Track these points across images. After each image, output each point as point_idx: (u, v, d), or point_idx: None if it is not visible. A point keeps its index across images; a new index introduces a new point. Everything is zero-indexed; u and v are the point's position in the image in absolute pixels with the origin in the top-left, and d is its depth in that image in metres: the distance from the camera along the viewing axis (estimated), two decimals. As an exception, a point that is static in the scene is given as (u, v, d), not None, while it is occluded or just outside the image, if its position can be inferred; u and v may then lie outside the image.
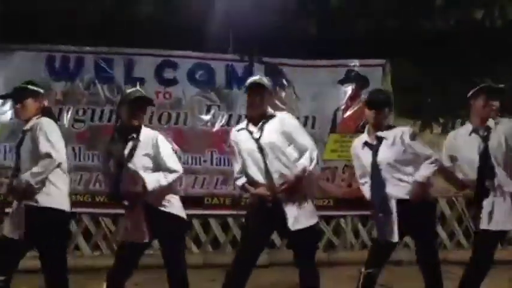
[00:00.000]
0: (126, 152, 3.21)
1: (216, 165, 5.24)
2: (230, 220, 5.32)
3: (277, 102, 5.28)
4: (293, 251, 3.43)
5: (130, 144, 3.23)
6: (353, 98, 5.43)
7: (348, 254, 5.33)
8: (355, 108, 5.40)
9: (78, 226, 5.16)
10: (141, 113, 3.30)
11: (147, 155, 3.25)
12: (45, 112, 3.42)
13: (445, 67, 5.37)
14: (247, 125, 3.40)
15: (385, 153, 3.45)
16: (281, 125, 3.33)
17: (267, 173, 3.29)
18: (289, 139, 3.31)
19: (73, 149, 4.99)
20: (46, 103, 3.48)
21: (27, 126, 3.34)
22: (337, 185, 5.36)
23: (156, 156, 3.26)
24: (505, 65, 5.04)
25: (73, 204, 5.05)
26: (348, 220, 5.45)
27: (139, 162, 3.22)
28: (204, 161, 5.22)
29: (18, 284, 3.41)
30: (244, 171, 3.40)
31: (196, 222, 5.29)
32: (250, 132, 3.35)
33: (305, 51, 5.31)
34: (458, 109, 5.49)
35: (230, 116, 5.33)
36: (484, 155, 3.40)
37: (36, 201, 3.23)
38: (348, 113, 5.43)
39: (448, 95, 5.41)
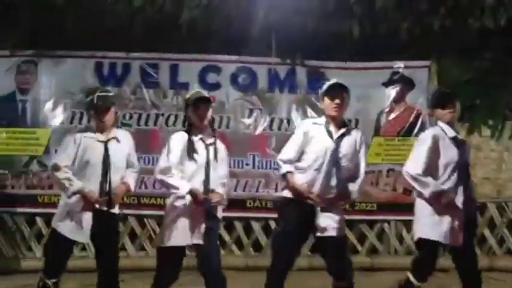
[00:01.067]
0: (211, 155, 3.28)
1: (258, 168, 5.25)
2: (272, 223, 5.28)
3: (319, 104, 5.29)
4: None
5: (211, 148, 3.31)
6: (397, 100, 5.33)
7: (392, 260, 5.22)
8: (400, 110, 5.30)
9: (125, 227, 5.27)
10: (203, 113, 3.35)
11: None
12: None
13: (494, 68, 5.22)
14: (327, 123, 3.40)
15: None
16: (355, 140, 3.40)
17: (327, 178, 3.31)
18: (354, 158, 3.38)
19: (120, 152, 5.10)
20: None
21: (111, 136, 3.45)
22: (381, 189, 5.26)
23: None
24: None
25: (120, 205, 5.27)
26: (391, 225, 5.35)
27: None
28: (247, 164, 5.25)
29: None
30: (298, 164, 3.39)
31: (238, 225, 5.30)
32: (330, 132, 3.37)
33: (348, 54, 5.27)
34: (508, 111, 5.35)
35: (272, 120, 5.33)
36: None
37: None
38: (392, 115, 5.33)
39: (498, 97, 5.25)
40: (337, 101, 3.37)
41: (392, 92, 5.34)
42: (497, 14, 4.88)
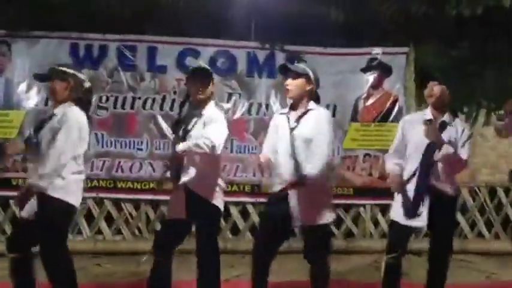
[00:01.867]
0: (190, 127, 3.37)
1: (236, 152, 5.26)
2: (249, 207, 5.34)
3: None
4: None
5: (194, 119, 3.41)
6: (375, 86, 5.36)
7: (367, 243, 5.32)
8: (377, 97, 5.34)
9: (101, 210, 5.24)
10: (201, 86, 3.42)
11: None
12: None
13: (470, 57, 5.28)
14: (289, 112, 3.47)
15: None
16: (317, 121, 3.36)
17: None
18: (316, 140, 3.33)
19: (95, 136, 5.04)
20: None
21: None
22: (357, 174, 5.33)
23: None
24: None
25: (95, 189, 5.21)
26: (367, 209, 5.43)
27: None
28: (225, 148, 5.22)
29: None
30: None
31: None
32: (288, 118, 3.42)
33: (327, 39, 5.27)
34: (483, 99, 5.45)
35: (251, 104, 5.32)
36: None
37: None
38: (370, 101, 5.36)
39: (474, 85, 5.33)
40: (286, 83, 3.43)
41: (370, 78, 5.37)
42: (473, 2, 4.91)
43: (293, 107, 3.46)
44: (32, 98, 5.15)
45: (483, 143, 5.63)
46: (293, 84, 3.41)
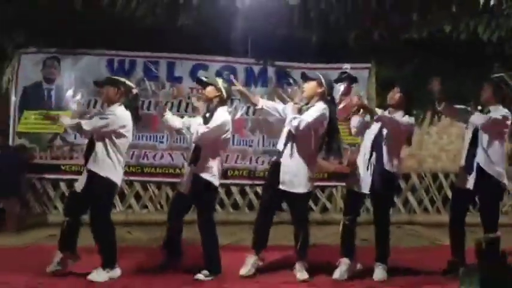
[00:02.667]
0: None
1: (237, 145, 5.30)
2: (247, 188, 5.42)
3: (285, 96, 5.34)
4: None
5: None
6: (345, 94, 5.13)
7: (338, 216, 5.28)
8: (347, 102, 5.32)
9: (131, 190, 5.30)
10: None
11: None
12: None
13: (418, 70, 5.30)
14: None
15: None
16: None
17: None
18: None
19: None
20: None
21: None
22: (330, 162, 5.33)
23: None
24: (469, 71, 4.97)
25: (126, 173, 5.29)
26: (338, 189, 5.50)
27: None
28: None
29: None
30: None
31: (221, 189, 5.38)
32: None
33: (308, 56, 5.31)
34: (428, 104, 5.50)
35: (248, 108, 5.36)
36: None
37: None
38: (341, 105, 5.24)
39: (421, 93, 5.35)
40: (302, 85, 3.65)
41: (341, 87, 5.30)
42: (420, 28, 4.98)
43: (307, 104, 3.55)
44: (77, 101, 5.19)
45: (428, 139, 5.70)
46: (307, 87, 3.50)
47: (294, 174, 3.45)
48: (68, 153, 5.11)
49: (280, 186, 3.46)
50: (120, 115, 3.40)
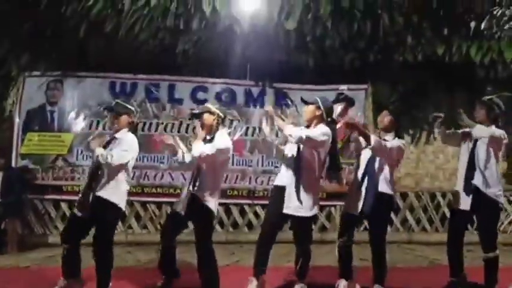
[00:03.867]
0: None
1: (236, 165, 5.31)
2: (246, 207, 5.38)
3: (283, 116, 5.33)
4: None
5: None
6: (342, 115, 5.19)
7: (337, 235, 5.34)
8: (343, 123, 5.40)
9: (131, 210, 5.29)
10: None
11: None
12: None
13: (414, 91, 5.37)
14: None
15: None
16: None
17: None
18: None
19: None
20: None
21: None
22: (329, 182, 5.37)
23: None
24: (460, 92, 5.03)
25: (128, 193, 5.27)
26: (337, 208, 5.46)
27: None
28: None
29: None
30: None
31: (220, 209, 5.36)
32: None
33: (305, 78, 5.35)
34: (423, 124, 5.54)
35: (247, 128, 5.40)
36: None
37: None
38: (338, 126, 5.36)
39: (416, 113, 5.40)
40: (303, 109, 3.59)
41: (338, 108, 5.33)
42: (415, 51, 5.04)
43: (307, 127, 3.53)
44: (79, 123, 5.23)
45: (424, 158, 5.70)
46: (306, 110, 3.54)
47: (299, 198, 3.41)
48: (69, 174, 5.13)
49: (285, 211, 3.44)
50: (135, 143, 3.39)
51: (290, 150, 3.50)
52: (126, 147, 3.31)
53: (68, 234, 3.38)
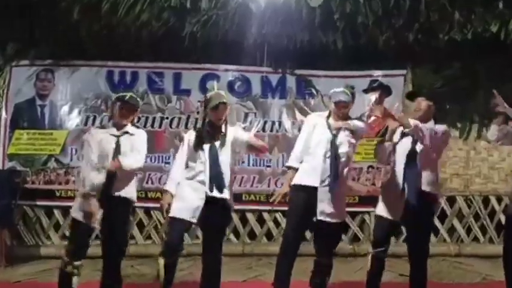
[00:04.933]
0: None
1: (253, 165, 5.28)
2: (265, 214, 5.35)
3: (306, 109, 5.32)
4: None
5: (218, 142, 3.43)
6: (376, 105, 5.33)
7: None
8: (378, 114, 5.30)
9: (134, 218, 5.29)
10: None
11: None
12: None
13: (462, 77, 5.23)
14: (328, 117, 3.57)
15: None
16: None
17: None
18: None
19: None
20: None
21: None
22: (362, 183, 5.32)
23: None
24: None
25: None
26: (371, 215, 5.32)
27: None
28: (242, 162, 5.27)
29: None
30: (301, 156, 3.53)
31: (235, 216, 5.33)
32: (329, 125, 3.53)
33: (333, 63, 5.29)
34: (475, 115, 5.39)
35: (265, 123, 5.36)
36: None
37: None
38: (372, 119, 5.30)
39: (466, 102, 5.28)
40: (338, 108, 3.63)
41: (372, 97, 5.26)
42: (464, 29, 4.91)
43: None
44: (73, 119, 5.26)
45: (475, 155, 5.55)
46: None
47: (335, 202, 3.44)
48: (63, 177, 5.17)
49: (319, 217, 3.43)
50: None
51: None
52: (142, 147, 3.56)
53: (81, 249, 3.43)
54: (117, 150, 3.46)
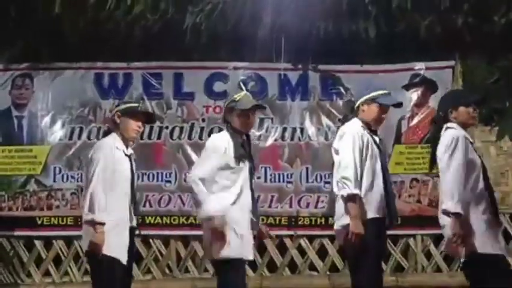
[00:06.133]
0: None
1: (270, 182, 5.20)
2: (287, 241, 5.23)
3: (333, 111, 5.26)
4: None
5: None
6: (420, 104, 5.22)
7: (419, 278, 5.11)
8: (423, 115, 5.20)
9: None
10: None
11: None
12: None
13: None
14: (364, 128, 3.54)
15: None
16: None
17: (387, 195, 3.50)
18: None
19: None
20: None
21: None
22: (404, 201, 5.16)
23: None
24: None
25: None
26: (417, 240, 5.22)
27: None
28: (258, 178, 5.13)
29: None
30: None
31: (251, 244, 5.22)
32: (373, 138, 3.53)
33: (364, 56, 5.22)
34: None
35: (284, 130, 5.28)
36: None
37: None
38: (414, 121, 5.23)
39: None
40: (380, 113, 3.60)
41: (413, 95, 5.25)
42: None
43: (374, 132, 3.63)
44: (56, 132, 5.24)
45: None
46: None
47: None
48: (45, 201, 5.12)
49: None
50: None
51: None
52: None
53: None
54: (132, 175, 3.58)
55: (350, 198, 3.35)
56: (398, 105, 3.74)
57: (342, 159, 3.43)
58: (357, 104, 3.61)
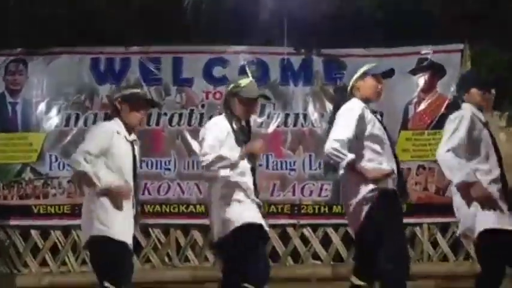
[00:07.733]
0: None
1: (273, 169, 5.18)
2: (290, 230, 5.22)
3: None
4: None
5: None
6: (427, 89, 5.18)
7: (425, 267, 5.08)
8: (430, 101, 5.16)
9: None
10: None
11: None
12: None
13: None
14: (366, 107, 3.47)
15: None
16: None
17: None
18: None
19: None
20: None
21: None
22: (411, 188, 5.08)
23: None
24: None
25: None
26: (424, 228, 5.20)
27: None
28: (260, 165, 5.07)
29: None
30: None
31: (253, 233, 5.20)
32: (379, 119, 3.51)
33: (370, 39, 5.15)
34: None
35: (287, 116, 5.25)
36: None
37: None
38: (422, 106, 5.20)
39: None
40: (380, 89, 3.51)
41: (420, 80, 5.20)
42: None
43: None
44: (52, 118, 5.21)
45: None
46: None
47: None
48: (41, 190, 5.11)
49: None
50: None
51: None
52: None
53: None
54: (135, 163, 3.46)
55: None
56: (391, 72, 3.65)
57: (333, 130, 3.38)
58: (350, 85, 3.53)
